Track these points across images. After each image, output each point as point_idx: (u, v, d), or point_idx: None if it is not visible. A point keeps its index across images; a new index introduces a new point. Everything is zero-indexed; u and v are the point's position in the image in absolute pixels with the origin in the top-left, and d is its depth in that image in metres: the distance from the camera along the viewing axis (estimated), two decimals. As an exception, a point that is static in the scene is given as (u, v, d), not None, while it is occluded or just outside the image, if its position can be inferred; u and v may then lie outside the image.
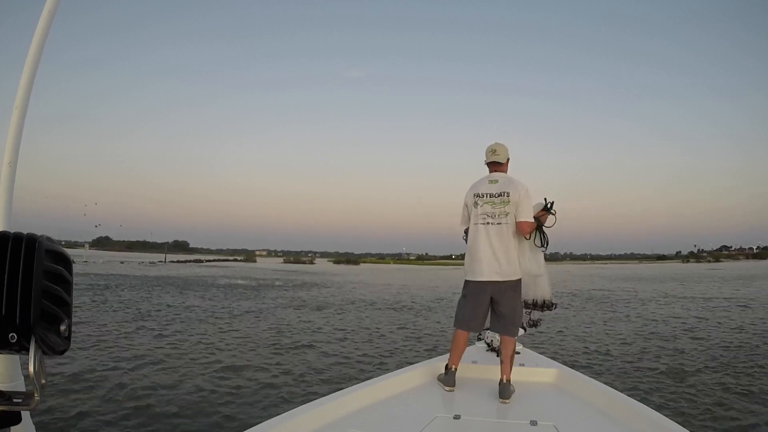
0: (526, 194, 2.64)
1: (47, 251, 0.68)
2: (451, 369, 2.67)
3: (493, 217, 2.63)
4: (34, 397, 0.68)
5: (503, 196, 2.63)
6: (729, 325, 9.98)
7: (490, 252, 2.61)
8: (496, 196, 2.64)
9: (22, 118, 1.06)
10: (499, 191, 2.65)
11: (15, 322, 0.63)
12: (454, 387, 2.64)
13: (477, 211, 2.67)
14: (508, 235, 2.62)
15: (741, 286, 22.00)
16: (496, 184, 2.68)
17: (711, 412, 4.62)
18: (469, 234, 2.73)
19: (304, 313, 12.13)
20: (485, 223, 2.64)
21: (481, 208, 2.66)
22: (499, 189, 2.66)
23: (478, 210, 2.66)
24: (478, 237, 2.65)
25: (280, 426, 1.82)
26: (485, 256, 2.61)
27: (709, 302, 14.70)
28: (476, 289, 2.66)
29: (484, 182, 2.72)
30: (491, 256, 2.60)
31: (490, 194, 2.66)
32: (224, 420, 4.25)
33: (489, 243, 2.62)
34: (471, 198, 2.72)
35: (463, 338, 2.75)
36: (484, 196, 2.67)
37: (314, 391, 4.93)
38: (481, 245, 2.63)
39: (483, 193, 2.68)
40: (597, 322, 10.95)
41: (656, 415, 2.01)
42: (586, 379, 2.66)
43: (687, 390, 5.41)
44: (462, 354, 2.75)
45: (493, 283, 2.61)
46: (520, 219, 2.62)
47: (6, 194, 1.03)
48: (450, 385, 2.64)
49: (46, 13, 1.13)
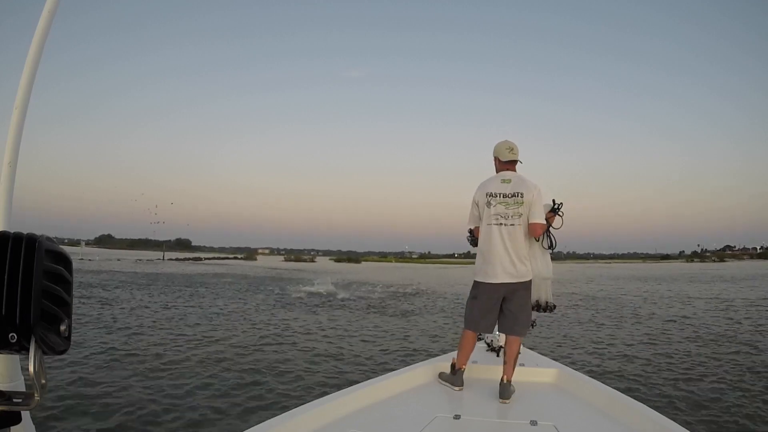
0: (539, 195, 2.59)
1: (47, 251, 0.68)
2: (460, 369, 2.67)
3: (506, 218, 2.57)
4: (34, 397, 0.68)
5: (517, 197, 2.57)
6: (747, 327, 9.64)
7: (504, 254, 2.56)
8: (510, 197, 2.58)
9: (22, 118, 1.06)
10: (513, 191, 2.58)
11: (15, 322, 0.63)
12: (463, 387, 2.64)
13: (490, 212, 2.59)
14: (521, 236, 2.57)
15: (755, 286, 21.52)
16: (509, 183, 2.61)
17: (712, 413, 4.61)
18: (481, 234, 2.67)
19: (272, 310, 12.16)
20: (498, 224, 2.58)
21: (494, 209, 2.59)
22: (513, 189, 2.59)
23: (491, 210, 2.59)
24: (492, 238, 2.59)
25: (280, 426, 1.82)
26: (499, 258, 2.56)
27: (729, 303, 14.08)
28: (489, 290, 2.61)
29: (496, 181, 2.64)
30: (506, 257, 2.56)
31: (504, 194, 2.59)
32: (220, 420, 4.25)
33: (503, 244, 2.56)
34: (483, 197, 2.64)
35: (472, 339, 2.73)
36: (497, 196, 2.59)
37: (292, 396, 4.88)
38: (495, 247, 2.57)
39: (496, 192, 2.60)
40: (621, 324, 10.80)
41: (656, 415, 2.00)
42: (586, 379, 2.65)
43: (687, 391, 5.40)
44: (470, 354, 2.73)
45: (506, 285, 2.58)
46: (533, 220, 2.57)
47: (6, 194, 1.03)
48: (459, 385, 2.64)
49: (46, 13, 1.13)
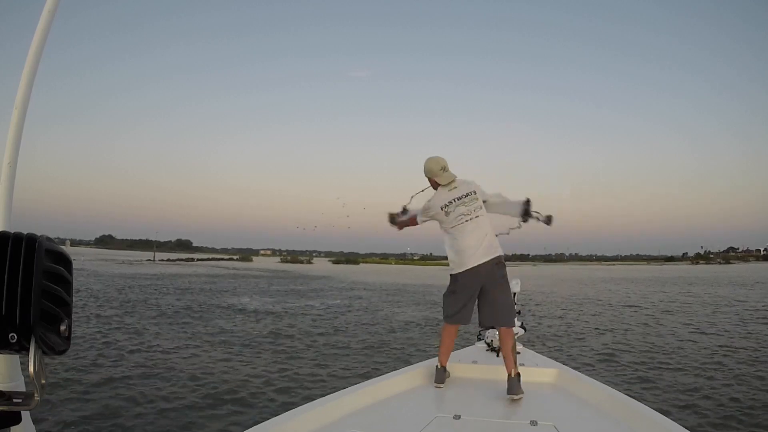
0: (479, 186, 2.83)
1: (47, 251, 0.67)
2: (442, 366, 2.70)
3: (469, 214, 2.72)
4: (34, 397, 0.68)
5: (471, 195, 2.75)
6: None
7: (474, 241, 2.69)
8: (465, 197, 2.74)
9: (22, 118, 1.06)
10: (464, 192, 2.76)
11: (15, 322, 0.63)
12: (443, 384, 2.66)
13: (451, 217, 2.73)
14: (486, 221, 2.75)
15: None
16: (456, 189, 2.77)
17: (712, 413, 4.62)
18: (449, 235, 2.77)
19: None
20: (465, 221, 2.72)
21: (454, 213, 2.72)
22: (463, 191, 2.76)
23: (452, 215, 2.72)
24: (463, 233, 2.71)
25: (280, 426, 1.82)
26: (471, 246, 2.68)
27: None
28: (466, 278, 2.68)
29: (443, 193, 2.78)
30: (476, 243, 2.68)
31: (457, 198, 2.74)
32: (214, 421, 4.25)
33: (473, 235, 2.70)
34: (439, 213, 2.75)
35: (453, 333, 2.79)
36: (452, 203, 2.74)
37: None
38: (466, 239, 2.69)
39: (449, 200, 2.74)
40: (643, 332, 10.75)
41: (656, 415, 2.00)
42: (586, 379, 2.66)
43: (688, 391, 5.40)
44: (451, 350, 2.78)
45: (483, 265, 2.65)
46: (484, 198, 2.81)
47: (6, 194, 1.03)
48: (440, 382, 2.66)
49: (46, 13, 1.13)
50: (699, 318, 11.92)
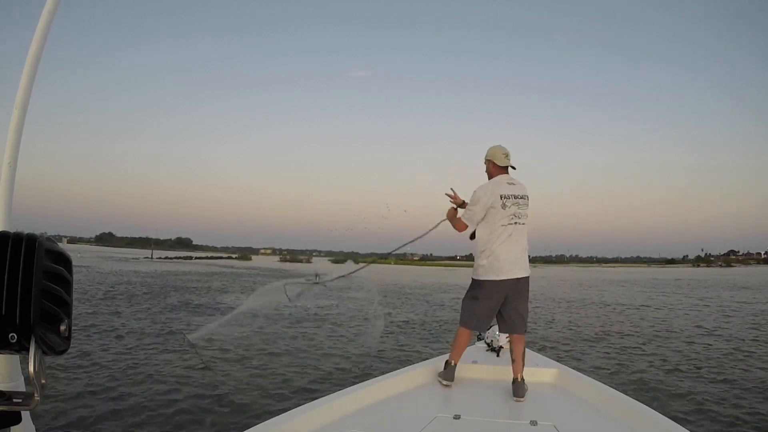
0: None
1: (47, 251, 0.67)
2: (451, 364, 2.69)
3: (519, 218, 2.65)
4: (34, 397, 0.68)
5: (526, 199, 2.68)
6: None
7: (518, 251, 2.64)
8: (521, 198, 2.66)
9: (22, 118, 1.06)
10: (522, 193, 2.68)
11: (15, 322, 0.63)
12: (453, 382, 2.66)
13: (505, 212, 2.62)
14: (525, 234, 2.70)
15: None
16: (515, 186, 2.69)
17: (712, 413, 4.61)
18: (492, 235, 2.64)
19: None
20: (513, 223, 2.63)
21: (509, 210, 2.63)
22: (521, 191, 2.69)
23: (507, 211, 2.62)
24: (507, 238, 2.61)
25: (280, 426, 1.82)
26: (513, 256, 2.62)
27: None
28: (493, 288, 2.63)
29: (503, 184, 2.68)
30: (518, 254, 2.64)
31: (515, 195, 2.66)
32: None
33: (517, 242, 2.64)
34: (497, 199, 2.62)
35: (467, 337, 2.77)
36: (510, 198, 2.64)
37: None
38: (508, 246, 2.62)
39: (509, 194, 2.65)
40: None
41: (656, 415, 2.00)
42: (586, 379, 2.66)
43: (688, 391, 5.40)
44: (463, 352, 2.77)
45: (515, 280, 2.62)
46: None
47: (6, 194, 1.03)
48: (449, 380, 2.65)
49: (46, 13, 1.13)
50: (708, 321, 11.81)
